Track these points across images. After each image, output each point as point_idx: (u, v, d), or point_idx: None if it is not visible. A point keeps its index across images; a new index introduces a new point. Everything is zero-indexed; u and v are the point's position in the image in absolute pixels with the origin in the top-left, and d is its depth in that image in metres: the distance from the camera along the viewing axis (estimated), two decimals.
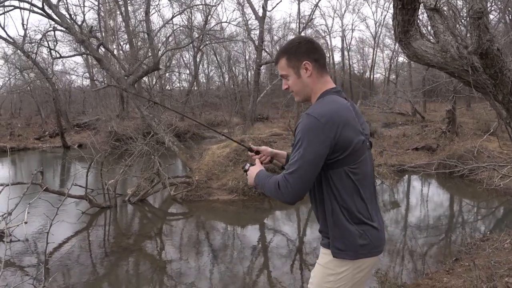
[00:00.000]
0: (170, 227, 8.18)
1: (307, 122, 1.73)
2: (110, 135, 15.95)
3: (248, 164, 2.12)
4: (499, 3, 17.16)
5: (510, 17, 19.76)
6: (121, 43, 25.29)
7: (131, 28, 19.92)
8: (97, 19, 22.76)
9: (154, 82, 25.41)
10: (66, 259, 6.21)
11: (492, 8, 17.74)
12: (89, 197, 8.28)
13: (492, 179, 8.63)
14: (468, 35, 4.30)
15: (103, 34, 22.40)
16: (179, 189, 9.49)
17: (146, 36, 15.70)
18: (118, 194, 9.17)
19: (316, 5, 22.83)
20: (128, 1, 19.06)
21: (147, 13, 13.87)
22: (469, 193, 9.75)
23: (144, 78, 21.29)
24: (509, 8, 18.03)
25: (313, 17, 23.81)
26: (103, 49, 16.45)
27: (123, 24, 21.20)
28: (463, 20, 7.86)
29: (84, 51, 13.13)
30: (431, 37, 5.41)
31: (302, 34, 22.02)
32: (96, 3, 21.23)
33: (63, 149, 18.84)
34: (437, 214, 8.70)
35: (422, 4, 4.99)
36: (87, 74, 27.52)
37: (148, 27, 13.86)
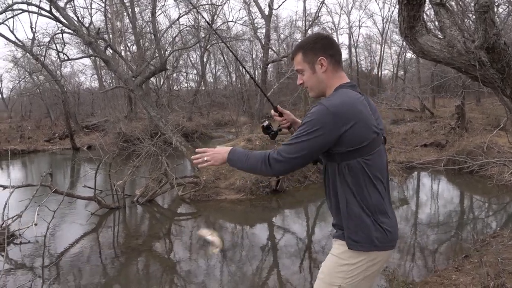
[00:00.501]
0: (179, 227, 8.21)
1: (317, 110, 1.76)
2: (118, 136, 16.06)
3: (267, 122, 2.17)
4: None
5: None
6: (128, 44, 25.46)
7: (138, 29, 20.01)
8: (104, 21, 22.88)
9: (161, 83, 25.55)
10: (77, 260, 6.26)
11: (501, 2, 17.52)
12: (98, 198, 8.34)
13: (502, 175, 8.55)
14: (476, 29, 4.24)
15: (110, 35, 22.52)
16: (187, 189, 9.52)
17: (153, 37, 15.76)
18: (127, 195, 9.22)
19: (323, 2, 22.73)
20: (135, 2, 19.16)
21: (153, 14, 13.93)
22: (479, 189, 9.65)
23: (151, 79, 21.41)
24: None
25: (320, 15, 23.76)
26: (110, 51, 16.56)
27: (130, 25, 21.32)
28: (470, 15, 7.77)
29: (91, 53, 13.21)
30: (438, 32, 5.36)
31: (309, 31, 21.96)
32: (103, 5, 21.35)
33: (73, 150, 19.00)
34: (447, 211, 8.62)
35: None
36: (96, 76, 27.73)
37: (154, 27, 13.92)
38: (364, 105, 1.80)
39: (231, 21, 23.54)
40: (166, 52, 17.06)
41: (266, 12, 20.21)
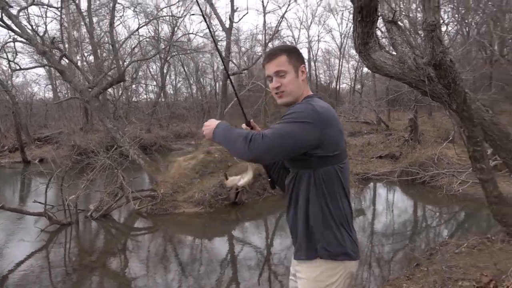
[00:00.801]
0: (135, 243, 7.97)
1: (304, 107, 1.74)
2: (72, 149, 15.47)
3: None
4: (457, 15, 17.97)
5: (467, 29, 20.69)
6: (85, 54, 24.77)
7: (95, 39, 19.55)
8: (59, 30, 22.16)
9: (120, 94, 24.97)
10: (25, 280, 5.93)
11: (450, 20, 18.56)
12: (48, 214, 7.96)
13: (452, 185, 8.93)
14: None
15: (66, 45, 21.85)
16: (143, 203, 9.28)
17: (111, 47, 15.44)
18: (80, 210, 8.87)
19: (283, 17, 23.22)
20: (93, 12, 18.72)
21: (111, 24, 13.67)
22: (431, 199, 10.03)
23: (109, 90, 20.91)
24: (466, 21, 18.88)
25: (280, 29, 24.13)
26: (66, 60, 16.08)
27: (87, 35, 20.77)
28: (420, 32, 8.14)
29: (46, 62, 12.75)
30: (391, 49, 5.57)
31: (270, 45, 22.24)
32: (59, 13, 20.71)
33: (23, 164, 18.10)
34: (401, 221, 8.89)
35: (381, 17, 5.15)
36: (50, 86, 26.75)
37: (112, 38, 13.65)
38: (337, 116, 1.84)
39: (192, 33, 23.47)
40: (125, 63, 16.76)
41: (227, 25, 20.33)
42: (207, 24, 2.50)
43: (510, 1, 16.04)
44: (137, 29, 18.02)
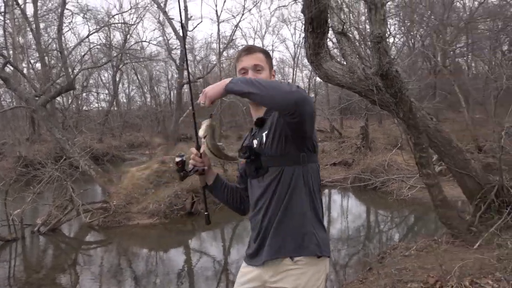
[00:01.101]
0: (87, 257, 7.66)
1: None
2: (18, 161, 14.67)
3: (181, 158, 1.97)
4: (403, 28, 18.86)
5: (413, 41, 21.75)
6: (32, 61, 23.71)
7: (42, 46, 18.76)
8: (3, 36, 21.13)
9: (69, 103, 24.09)
10: None
11: (397, 33, 19.45)
12: None
13: (401, 190, 9.30)
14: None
15: (11, 51, 20.83)
16: (95, 215, 8.96)
17: (59, 54, 14.87)
18: (26, 224, 8.42)
19: (237, 26, 23.37)
20: (39, 17, 17.99)
21: (59, 30, 13.19)
22: (382, 204, 10.38)
23: (58, 99, 20.10)
24: (411, 33, 19.83)
25: (234, 38, 24.30)
26: (11, 68, 15.32)
27: (34, 41, 19.92)
28: (369, 43, 8.47)
29: None
30: (342, 59, 5.76)
31: (224, 54, 22.34)
32: (2, 18, 19.75)
33: None
34: (355, 226, 9.14)
35: (331, 28, 5.32)
36: None
37: (61, 44, 13.16)
38: None
39: (145, 41, 23.15)
40: (75, 71, 16.20)
41: (181, 33, 20.20)
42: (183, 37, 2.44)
43: (450, 15, 17.06)
44: (87, 36, 17.60)
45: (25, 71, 20.84)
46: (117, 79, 27.02)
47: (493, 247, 4.44)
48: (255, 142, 1.82)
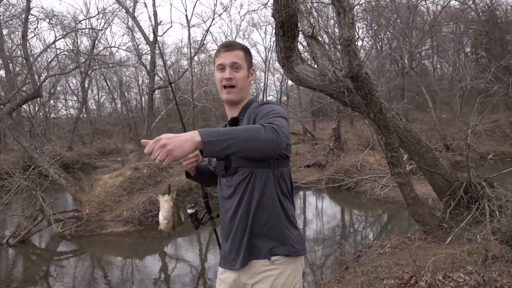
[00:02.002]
0: (60, 268, 7.44)
1: (279, 107, 1.75)
2: None
3: (193, 210, 1.99)
4: (370, 31, 19.30)
5: (380, 44, 22.27)
6: None
7: (6, 52, 18.16)
8: None
9: (36, 110, 23.40)
10: None
11: (365, 36, 19.89)
12: None
13: (374, 190, 9.50)
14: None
15: None
16: (67, 225, 8.73)
17: (24, 61, 14.45)
18: None
19: (207, 31, 23.29)
20: (2, 23, 17.42)
21: (24, 36, 12.82)
22: (356, 204, 10.56)
23: (24, 106, 19.49)
24: (379, 36, 20.31)
25: (205, 42, 24.19)
26: None
27: None
28: (339, 47, 8.63)
29: None
30: (313, 62, 5.85)
31: (196, 58, 22.21)
32: None
33: None
34: (331, 226, 9.25)
35: (301, 32, 5.40)
36: None
37: (26, 51, 12.78)
38: None
39: (114, 46, 22.76)
40: (41, 78, 15.77)
41: (151, 38, 19.98)
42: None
43: (415, 18, 17.58)
44: (54, 42, 17.04)
45: None
46: (86, 86, 26.49)
47: (464, 241, 4.60)
48: None
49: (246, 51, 1.88)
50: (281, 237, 1.71)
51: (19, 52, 19.19)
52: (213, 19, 38.37)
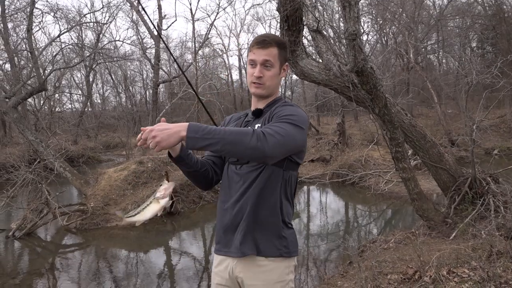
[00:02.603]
0: (65, 261, 7.51)
1: (300, 111, 1.72)
2: None
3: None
4: (376, 26, 19.18)
5: (385, 39, 22.14)
6: (0, 62, 22.98)
7: (11, 46, 18.20)
8: None
9: (41, 104, 23.47)
10: None
11: (370, 30, 19.77)
12: None
13: (378, 185, 9.49)
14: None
15: None
16: (72, 218, 8.79)
17: (29, 54, 14.48)
18: (0, 229, 8.20)
19: (212, 25, 23.28)
20: (7, 17, 17.45)
21: (29, 30, 12.85)
22: (360, 199, 10.56)
23: (29, 100, 19.56)
24: (384, 31, 20.19)
25: (210, 36, 24.15)
26: None
27: (2, 41, 19.33)
28: (344, 41, 8.58)
29: None
30: (318, 57, 5.83)
31: (200, 53, 22.17)
32: None
33: None
34: (335, 221, 9.26)
35: (306, 26, 5.38)
36: None
37: (31, 45, 12.84)
38: None
39: (119, 40, 22.75)
40: (46, 71, 15.80)
41: (155, 32, 19.95)
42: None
43: (421, 13, 17.44)
44: (59, 36, 17.06)
45: None
46: (91, 79, 26.52)
47: (468, 237, 4.59)
48: None
49: (281, 47, 1.80)
50: (276, 236, 1.73)
51: (24, 46, 19.21)
52: (217, 13, 38.21)
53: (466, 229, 4.90)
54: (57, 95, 25.33)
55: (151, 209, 1.77)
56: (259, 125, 1.77)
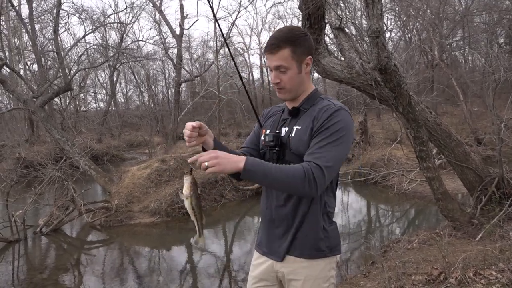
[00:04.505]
0: (90, 257, 7.68)
1: (349, 120, 1.65)
2: (17, 162, 14.69)
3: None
4: (399, 22, 18.86)
5: (409, 35, 21.75)
6: (28, 63, 23.66)
7: (38, 47, 18.71)
8: None
9: (67, 103, 24.03)
10: None
11: (393, 27, 19.46)
12: None
13: (401, 184, 9.33)
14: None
15: (7, 53, 20.77)
16: (97, 215, 8.98)
17: (55, 55, 14.85)
18: (28, 225, 8.44)
19: (233, 24, 23.34)
20: (35, 19, 17.95)
21: (55, 31, 13.16)
22: (383, 198, 10.41)
23: (56, 99, 20.06)
24: (407, 27, 19.83)
25: (231, 35, 24.22)
26: (7, 70, 15.28)
27: (30, 42, 19.87)
28: (366, 38, 8.46)
29: None
30: (339, 54, 5.78)
31: (221, 52, 22.24)
32: None
33: None
34: (357, 221, 9.17)
35: (328, 24, 5.33)
36: None
37: (57, 45, 13.16)
38: None
39: (141, 40, 23.12)
40: (71, 71, 16.17)
41: (177, 32, 20.16)
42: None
43: (446, 9, 17.06)
44: (84, 36, 17.44)
45: (21, 72, 20.76)
46: (115, 79, 26.98)
47: (495, 238, 4.47)
48: (283, 129, 1.77)
49: (295, 43, 1.66)
50: (319, 239, 1.71)
51: (50, 47, 19.75)
52: (238, 12, 38.35)
53: (493, 230, 4.77)
54: (82, 94, 25.89)
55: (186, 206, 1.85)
56: (300, 128, 1.70)
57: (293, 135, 1.71)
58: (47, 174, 9.02)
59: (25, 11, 22.44)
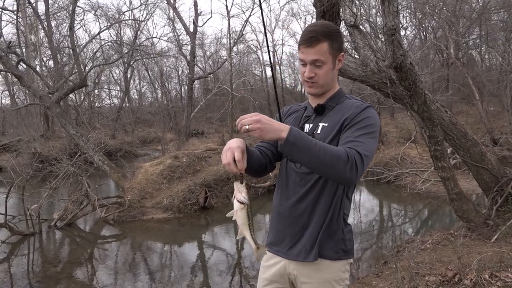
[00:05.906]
0: (103, 251, 7.77)
1: (378, 118, 1.65)
2: (33, 157, 14.91)
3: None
4: (414, 20, 18.64)
5: (424, 33, 21.47)
6: (44, 59, 23.95)
7: (54, 44, 18.95)
8: (16, 34, 21.38)
9: (82, 99, 24.31)
10: None
11: (408, 25, 19.23)
12: (9, 224, 7.64)
13: (415, 184, 9.23)
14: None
15: (24, 49, 21.08)
16: (110, 210, 9.07)
17: (71, 51, 15.03)
18: (43, 219, 8.57)
19: (247, 21, 23.25)
20: (51, 15, 18.15)
21: (71, 27, 13.29)
22: (396, 198, 10.32)
23: (71, 95, 20.31)
24: (423, 25, 19.59)
25: (244, 33, 24.22)
26: (24, 66, 15.52)
27: (46, 39, 20.14)
28: (381, 36, 8.38)
29: (1, 68, 12.24)
30: (354, 52, 5.73)
31: (234, 49, 22.25)
32: (15, 17, 19.98)
33: None
34: (369, 220, 9.10)
35: (343, 21, 5.29)
36: (7, 92, 25.66)
37: (73, 42, 13.30)
38: None
39: (155, 37, 23.25)
40: (86, 68, 16.34)
41: (191, 29, 20.22)
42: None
43: (463, 6, 16.80)
44: (99, 33, 17.64)
45: (38, 68, 21.04)
46: (128, 76, 27.18)
47: (511, 240, 4.40)
48: (306, 126, 1.73)
49: (332, 38, 1.62)
50: (335, 240, 1.67)
51: (66, 43, 19.99)
52: (252, 9, 38.18)
53: (509, 231, 4.69)
54: (96, 90, 26.14)
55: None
56: (326, 125, 1.67)
57: (318, 131, 1.66)
58: (62, 169, 9.15)
59: (41, 8, 22.66)
